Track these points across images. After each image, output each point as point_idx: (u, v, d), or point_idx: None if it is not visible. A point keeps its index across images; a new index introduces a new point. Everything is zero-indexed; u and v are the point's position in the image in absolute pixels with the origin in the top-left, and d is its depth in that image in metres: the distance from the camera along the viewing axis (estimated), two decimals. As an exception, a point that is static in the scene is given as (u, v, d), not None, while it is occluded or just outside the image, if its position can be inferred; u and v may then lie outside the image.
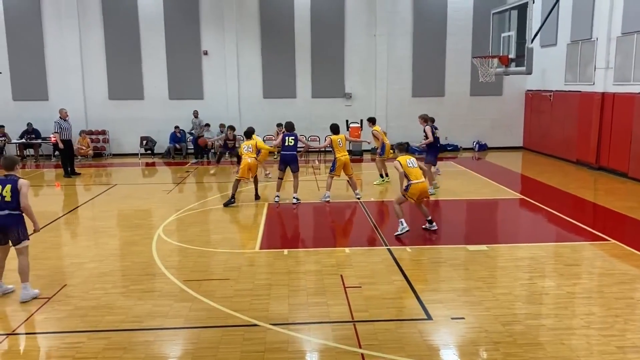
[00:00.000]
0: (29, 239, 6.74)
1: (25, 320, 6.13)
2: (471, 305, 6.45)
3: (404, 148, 9.60)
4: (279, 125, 19.41)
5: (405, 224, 9.14)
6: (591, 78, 16.00)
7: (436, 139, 12.88)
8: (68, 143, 16.07)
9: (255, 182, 12.26)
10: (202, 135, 19.49)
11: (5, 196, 6.53)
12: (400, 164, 9.16)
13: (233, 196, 11.74)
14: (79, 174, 16.30)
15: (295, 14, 20.17)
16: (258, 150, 12.19)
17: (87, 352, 5.39)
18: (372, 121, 14.67)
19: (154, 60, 20.13)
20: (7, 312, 6.34)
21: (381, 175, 14.36)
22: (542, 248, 8.64)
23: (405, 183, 9.16)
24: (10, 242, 6.66)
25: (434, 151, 12.82)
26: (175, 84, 20.32)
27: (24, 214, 6.65)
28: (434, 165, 13.12)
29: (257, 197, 12.24)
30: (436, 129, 13.11)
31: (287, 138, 12.14)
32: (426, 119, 13.01)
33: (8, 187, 6.56)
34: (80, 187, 15.25)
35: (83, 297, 6.77)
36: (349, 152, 16.35)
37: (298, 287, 7.05)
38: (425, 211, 9.56)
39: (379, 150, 14.31)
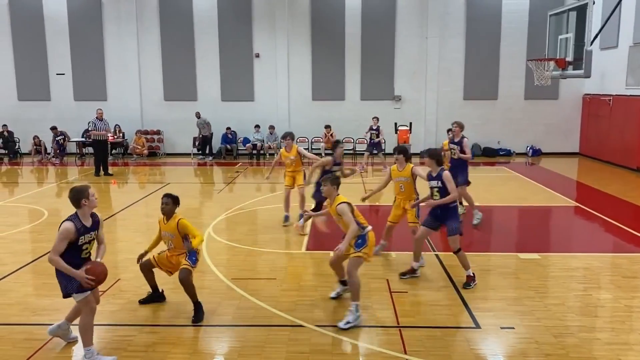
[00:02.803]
0: (81, 292, 5.13)
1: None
2: (521, 314, 6.27)
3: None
4: (327, 126, 19.52)
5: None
6: (655, 82, 15.27)
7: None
8: (102, 143, 16.22)
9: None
10: (207, 135, 19.80)
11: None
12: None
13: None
14: (112, 174, 16.39)
15: (346, 16, 20.19)
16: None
17: (137, 346, 5.56)
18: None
19: (207, 62, 20.60)
20: (65, 302, 6.60)
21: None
22: (597, 258, 8.31)
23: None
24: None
25: (465, 167, 10.30)
26: (227, 85, 20.72)
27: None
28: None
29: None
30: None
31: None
32: (463, 128, 10.47)
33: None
34: (134, 184, 15.77)
35: (135, 292, 6.98)
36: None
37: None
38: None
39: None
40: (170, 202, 6.20)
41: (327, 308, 6.47)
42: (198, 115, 19.92)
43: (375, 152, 17.38)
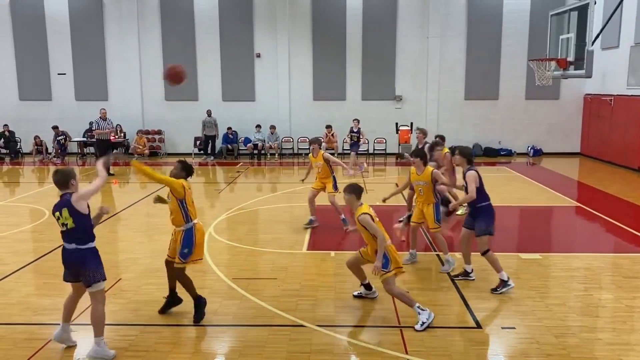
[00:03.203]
0: (104, 279, 5.32)
1: (83, 312, 6.38)
2: (522, 315, 6.27)
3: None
4: (328, 126, 19.50)
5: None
6: (656, 82, 15.26)
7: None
8: (105, 143, 16.23)
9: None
10: (212, 135, 19.80)
11: (67, 223, 5.09)
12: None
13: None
14: (113, 174, 16.32)
15: (347, 15, 20.19)
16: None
17: (139, 345, 5.57)
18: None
19: (208, 62, 20.60)
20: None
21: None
22: (598, 258, 8.31)
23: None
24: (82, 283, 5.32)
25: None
26: (228, 85, 20.73)
27: (94, 247, 5.24)
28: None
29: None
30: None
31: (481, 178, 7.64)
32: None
33: (65, 211, 5.08)
34: (135, 184, 15.78)
35: (136, 292, 6.99)
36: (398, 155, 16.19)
37: (344, 289, 7.04)
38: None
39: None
40: (179, 167, 6.35)
41: (328, 308, 6.47)
42: (209, 114, 19.86)
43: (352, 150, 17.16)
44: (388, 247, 5.94)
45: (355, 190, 6.18)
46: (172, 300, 6.35)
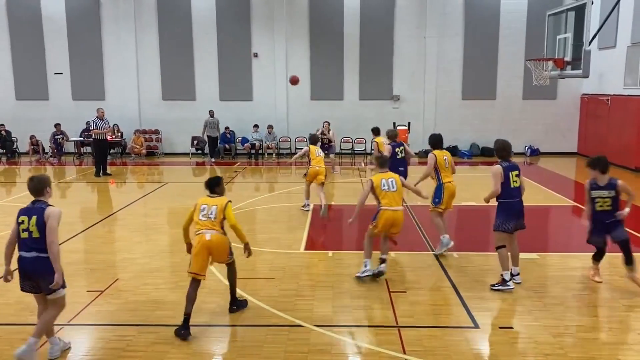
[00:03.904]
0: (65, 287, 5.22)
1: (80, 312, 6.37)
2: (520, 314, 6.28)
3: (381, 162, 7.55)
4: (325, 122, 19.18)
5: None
6: (653, 82, 15.30)
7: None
8: (102, 142, 16.13)
9: (232, 276, 6.80)
10: (214, 135, 19.62)
11: (32, 232, 4.99)
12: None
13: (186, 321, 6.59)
14: (110, 174, 16.29)
15: (344, 15, 20.18)
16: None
17: (136, 346, 5.56)
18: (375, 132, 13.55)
19: (205, 61, 20.57)
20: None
21: None
22: (596, 258, 8.31)
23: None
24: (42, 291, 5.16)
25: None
26: (225, 85, 20.70)
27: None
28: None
29: (232, 305, 6.61)
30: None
31: (510, 174, 7.45)
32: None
33: (34, 219, 4.99)
34: (133, 184, 15.76)
35: (134, 292, 6.98)
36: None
37: (342, 289, 7.04)
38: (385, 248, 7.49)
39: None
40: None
41: (326, 308, 6.47)
42: (212, 114, 19.71)
43: (326, 152, 16.54)
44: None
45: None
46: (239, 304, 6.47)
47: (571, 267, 7.89)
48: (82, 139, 20.21)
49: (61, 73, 20.68)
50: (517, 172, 6.98)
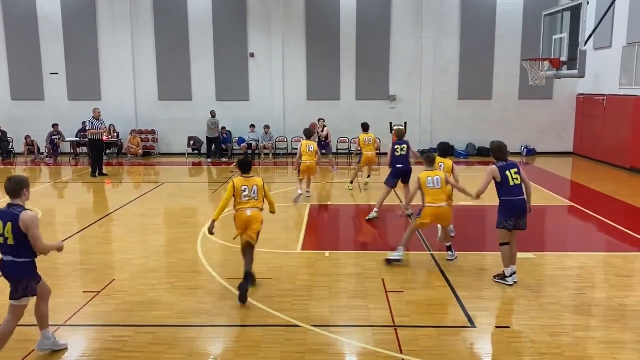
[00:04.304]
0: (29, 297, 5.09)
1: (76, 312, 6.35)
2: (516, 314, 6.30)
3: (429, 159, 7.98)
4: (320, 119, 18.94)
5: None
6: (648, 82, 15.36)
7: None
8: (98, 142, 16.05)
9: (250, 255, 7.28)
10: (215, 136, 19.56)
11: (7, 238, 4.84)
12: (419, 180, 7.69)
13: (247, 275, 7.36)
14: (106, 174, 16.24)
15: (341, 16, 20.18)
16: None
17: (133, 346, 5.54)
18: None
19: (202, 61, 20.54)
20: (59, 303, 6.57)
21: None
22: (592, 257, 8.35)
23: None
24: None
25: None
26: (222, 85, 20.68)
27: (32, 261, 5.04)
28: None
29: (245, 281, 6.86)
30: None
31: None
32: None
33: (9, 225, 4.81)
34: (129, 184, 15.73)
35: (130, 292, 6.96)
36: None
37: (339, 289, 7.05)
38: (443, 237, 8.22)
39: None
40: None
41: (323, 308, 6.47)
42: (213, 114, 19.55)
43: (323, 151, 16.13)
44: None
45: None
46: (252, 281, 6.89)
47: (567, 267, 7.91)
48: (77, 139, 20.14)
49: (57, 73, 20.62)
50: (515, 170, 7.08)
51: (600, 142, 18.30)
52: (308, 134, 12.44)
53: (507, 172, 7.01)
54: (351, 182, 13.80)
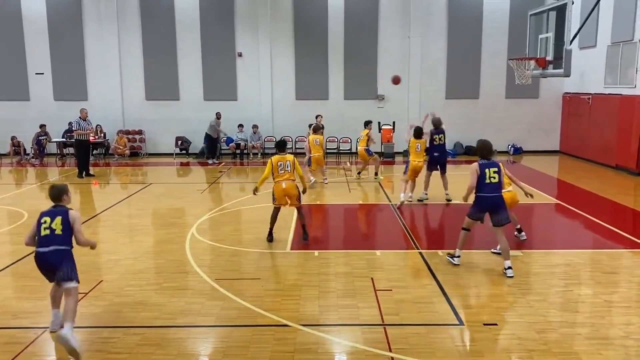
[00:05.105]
0: (78, 281, 5.72)
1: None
2: (504, 311, 6.35)
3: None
4: (311, 126, 19.23)
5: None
6: (632, 81, 15.55)
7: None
8: (85, 143, 15.93)
9: (301, 216, 9.34)
10: (216, 137, 19.42)
11: (55, 229, 5.66)
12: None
13: (270, 232, 9.33)
14: (93, 175, 16.15)
15: (329, 16, 20.20)
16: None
17: (121, 348, 5.51)
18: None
19: (189, 61, 20.46)
20: (46, 305, 6.52)
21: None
22: (578, 255, 8.44)
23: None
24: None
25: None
26: (209, 85, 20.61)
27: (71, 250, 5.78)
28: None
29: (305, 236, 9.19)
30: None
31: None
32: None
33: (58, 219, 5.70)
34: (116, 185, 15.62)
35: (118, 294, 6.93)
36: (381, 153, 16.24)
37: (328, 288, 7.06)
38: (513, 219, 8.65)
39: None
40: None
41: (312, 307, 6.48)
42: (219, 116, 19.24)
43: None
44: None
45: None
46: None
47: (554, 264, 7.99)
48: (64, 139, 19.97)
49: (42, 73, 20.42)
50: (495, 169, 7.42)
51: (586, 140, 18.49)
52: (316, 128, 14.10)
53: (486, 170, 7.37)
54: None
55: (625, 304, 6.57)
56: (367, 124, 15.13)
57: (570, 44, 12.78)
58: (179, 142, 20.63)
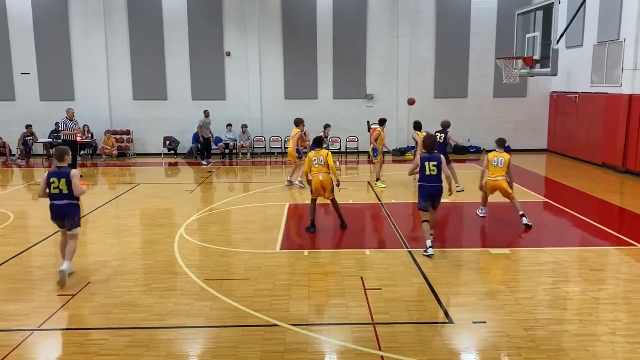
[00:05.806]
0: (80, 226, 7.49)
1: (50, 316, 6.24)
2: (493, 309, 6.38)
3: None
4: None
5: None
6: (618, 80, 15.70)
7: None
8: (72, 144, 15.41)
9: (335, 205, 9.91)
10: (208, 137, 19.27)
11: (62, 189, 7.13)
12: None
13: (313, 222, 9.74)
14: (81, 176, 15.93)
15: (317, 15, 20.19)
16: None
17: (110, 349, 5.47)
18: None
19: (177, 61, 20.35)
20: (33, 308, 6.46)
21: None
22: (565, 252, 8.50)
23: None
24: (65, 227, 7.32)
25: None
26: (198, 84, 20.51)
27: (78, 202, 7.38)
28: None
29: (342, 224, 9.92)
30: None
31: (427, 164, 8.27)
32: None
33: (63, 181, 7.12)
34: (104, 185, 15.50)
35: (107, 295, 6.87)
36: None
37: (318, 288, 7.05)
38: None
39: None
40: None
41: (302, 307, 6.47)
42: (207, 114, 18.92)
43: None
44: None
45: None
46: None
47: (542, 262, 8.05)
48: (51, 140, 19.77)
49: (28, 73, 20.20)
50: (434, 163, 8.20)
51: (573, 139, 18.65)
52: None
53: (426, 163, 8.20)
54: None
55: (611, 301, 6.63)
56: (383, 122, 14.30)
57: (557, 43, 12.91)
58: (167, 142, 20.52)
